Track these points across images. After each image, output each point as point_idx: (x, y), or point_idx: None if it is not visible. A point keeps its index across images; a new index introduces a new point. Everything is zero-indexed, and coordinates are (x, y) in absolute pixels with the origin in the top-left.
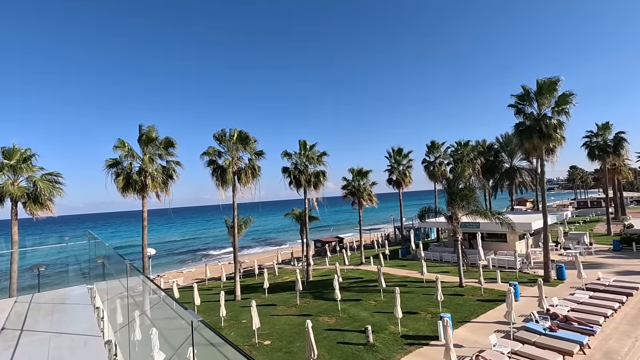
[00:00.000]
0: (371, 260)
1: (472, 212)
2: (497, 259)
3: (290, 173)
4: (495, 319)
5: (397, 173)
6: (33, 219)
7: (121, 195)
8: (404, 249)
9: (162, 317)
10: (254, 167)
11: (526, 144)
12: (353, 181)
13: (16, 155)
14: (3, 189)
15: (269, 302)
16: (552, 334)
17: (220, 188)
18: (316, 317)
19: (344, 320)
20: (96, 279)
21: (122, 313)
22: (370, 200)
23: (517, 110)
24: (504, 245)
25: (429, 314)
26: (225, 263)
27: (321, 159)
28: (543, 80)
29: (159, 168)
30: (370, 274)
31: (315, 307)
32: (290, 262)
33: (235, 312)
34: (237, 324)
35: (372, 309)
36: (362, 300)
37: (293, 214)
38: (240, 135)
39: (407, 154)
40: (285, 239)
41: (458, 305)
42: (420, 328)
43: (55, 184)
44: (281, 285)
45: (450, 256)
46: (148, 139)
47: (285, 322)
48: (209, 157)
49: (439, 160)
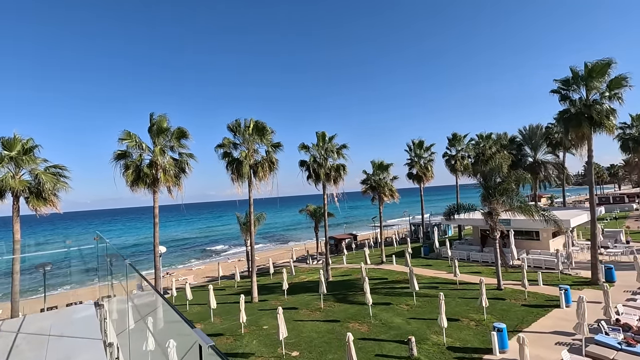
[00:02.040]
0: (393, 259)
1: (514, 208)
2: (533, 259)
3: (308, 166)
4: (551, 328)
5: (419, 167)
6: (36, 216)
7: (130, 189)
8: (426, 247)
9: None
10: (272, 160)
11: (573, 132)
12: (373, 175)
13: (17, 145)
14: (3, 182)
15: (290, 304)
16: (632, 350)
17: (236, 182)
18: (345, 324)
19: (377, 328)
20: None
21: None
22: (391, 195)
23: (562, 96)
24: (536, 244)
25: (471, 321)
26: (235, 260)
27: (341, 152)
28: (593, 63)
29: (170, 161)
30: (394, 274)
31: (341, 311)
32: (305, 260)
33: (254, 317)
34: (257, 330)
35: (406, 314)
36: (393, 304)
37: (307, 210)
38: (256, 126)
39: (428, 147)
40: (296, 235)
41: (502, 311)
42: (467, 338)
43: (59, 178)
44: (299, 286)
45: (478, 255)
46: (159, 129)
47: (312, 329)
48: (224, 150)
49: (461, 153)
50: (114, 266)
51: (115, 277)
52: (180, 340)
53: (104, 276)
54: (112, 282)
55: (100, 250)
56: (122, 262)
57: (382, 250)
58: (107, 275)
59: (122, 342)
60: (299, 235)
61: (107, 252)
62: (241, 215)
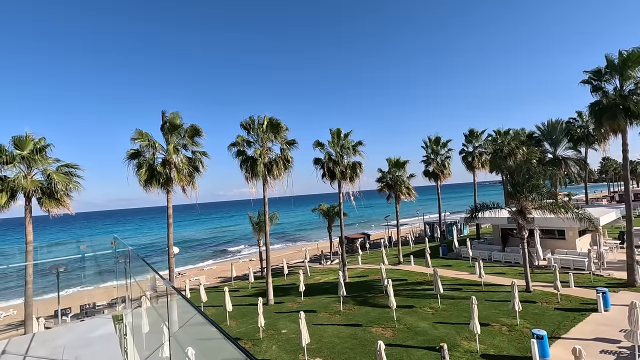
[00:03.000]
0: (411, 259)
1: (546, 206)
2: (560, 259)
3: (323, 164)
4: (592, 335)
5: (435, 164)
6: (49, 217)
7: (144, 189)
8: (445, 247)
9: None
10: (287, 157)
11: (607, 125)
12: (389, 173)
13: (29, 145)
14: (16, 183)
15: (307, 307)
16: None
17: (251, 181)
18: (367, 328)
19: (402, 333)
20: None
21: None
22: (408, 194)
23: (594, 87)
24: (562, 243)
25: (503, 326)
26: (246, 260)
27: (357, 149)
28: (629, 51)
29: (184, 159)
30: (414, 274)
31: (362, 314)
32: (319, 260)
33: (271, 320)
34: (276, 334)
35: (431, 318)
36: (416, 307)
37: (320, 209)
38: (271, 123)
39: (445, 143)
40: (307, 235)
41: (535, 315)
42: (501, 345)
43: (72, 178)
44: (315, 287)
45: (500, 255)
46: (172, 126)
47: (333, 333)
48: (237, 148)
49: (478, 150)
50: (131, 269)
51: (133, 277)
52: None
53: (120, 278)
54: (130, 282)
55: (118, 252)
56: (139, 264)
57: (399, 250)
58: (123, 277)
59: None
60: (309, 235)
61: (125, 254)
62: (253, 215)
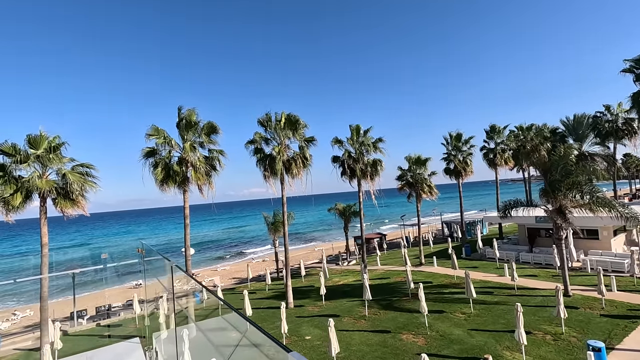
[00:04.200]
0: (434, 260)
1: (589, 204)
2: (596, 260)
3: (343, 162)
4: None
5: (457, 162)
6: (64, 218)
7: (160, 189)
8: (468, 247)
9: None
10: (305, 155)
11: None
12: (409, 170)
13: (43, 143)
14: (30, 183)
15: (329, 311)
16: None
17: (269, 180)
18: (396, 334)
19: (436, 341)
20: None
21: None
22: (430, 192)
23: (637, 76)
24: (595, 243)
25: (547, 334)
26: (259, 261)
27: (377, 146)
28: None
29: (201, 157)
30: (438, 277)
31: (389, 320)
32: (336, 260)
33: (293, 325)
34: (300, 341)
35: (465, 324)
36: (446, 312)
37: (336, 209)
38: (289, 119)
39: (467, 140)
40: (320, 235)
41: (580, 322)
42: (549, 356)
43: (87, 178)
44: (335, 290)
45: (529, 256)
46: (188, 123)
47: (361, 340)
48: (255, 145)
49: (501, 146)
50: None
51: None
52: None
53: (138, 278)
54: (167, 299)
55: (146, 262)
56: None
57: (420, 251)
58: (142, 279)
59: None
60: (322, 235)
61: (151, 257)
62: (268, 215)
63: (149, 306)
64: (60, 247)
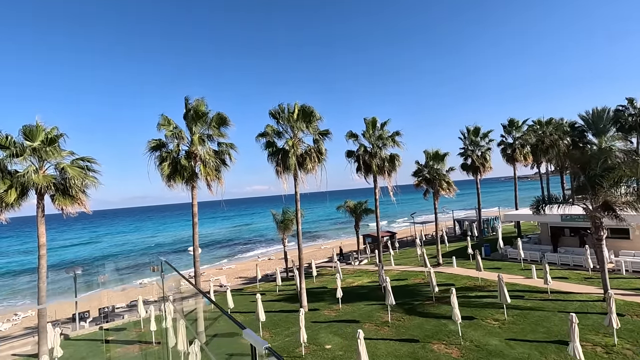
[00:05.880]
0: (453, 260)
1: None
2: (631, 262)
3: (359, 157)
4: None
5: (476, 157)
6: (63, 216)
7: (166, 185)
8: (487, 247)
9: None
10: (320, 149)
11: None
12: (427, 166)
13: (40, 135)
14: (26, 178)
15: (347, 315)
16: None
17: (282, 175)
18: (426, 344)
19: (471, 353)
20: None
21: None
22: (448, 188)
23: None
24: (625, 244)
25: (596, 345)
26: (265, 259)
27: (395, 140)
28: None
29: (210, 151)
30: (461, 279)
31: (415, 327)
32: (346, 259)
33: (310, 331)
34: (320, 350)
35: (500, 333)
36: (477, 319)
37: (347, 206)
38: (303, 111)
39: (486, 134)
40: (327, 233)
41: (631, 332)
42: None
43: (88, 172)
44: (350, 292)
45: (555, 256)
46: (196, 114)
47: (387, 351)
48: (267, 139)
49: (519, 141)
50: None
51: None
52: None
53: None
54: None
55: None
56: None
57: (438, 251)
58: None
59: None
60: (328, 233)
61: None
62: (277, 213)
63: (154, 309)
64: (65, 246)
